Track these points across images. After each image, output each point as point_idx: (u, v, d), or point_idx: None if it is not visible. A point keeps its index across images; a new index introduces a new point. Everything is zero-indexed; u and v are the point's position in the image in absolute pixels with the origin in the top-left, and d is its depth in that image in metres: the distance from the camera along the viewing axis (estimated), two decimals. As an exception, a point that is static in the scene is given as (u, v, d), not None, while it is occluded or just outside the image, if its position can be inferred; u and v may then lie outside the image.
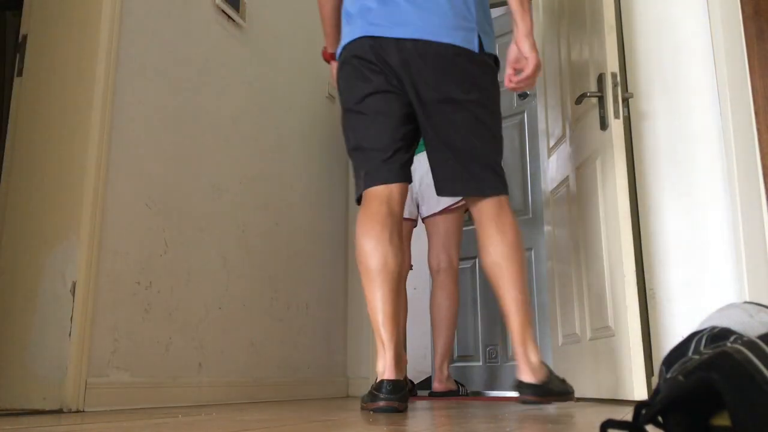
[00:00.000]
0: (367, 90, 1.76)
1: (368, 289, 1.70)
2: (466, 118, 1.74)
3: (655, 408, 0.48)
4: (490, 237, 1.75)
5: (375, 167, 1.75)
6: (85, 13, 1.85)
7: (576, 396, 2.49)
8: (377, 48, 1.74)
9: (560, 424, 1.22)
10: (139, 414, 1.49)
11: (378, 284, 1.69)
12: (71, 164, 1.75)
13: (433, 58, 1.71)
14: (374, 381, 1.69)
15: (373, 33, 1.74)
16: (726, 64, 2.39)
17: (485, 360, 4.04)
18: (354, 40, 1.78)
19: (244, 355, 2.32)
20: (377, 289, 1.69)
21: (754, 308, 0.59)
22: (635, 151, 2.56)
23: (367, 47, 1.75)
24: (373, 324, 1.72)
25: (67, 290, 1.66)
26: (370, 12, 1.75)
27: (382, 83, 1.75)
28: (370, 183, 1.75)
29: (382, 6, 1.75)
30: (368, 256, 1.69)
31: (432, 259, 2.87)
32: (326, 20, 2.04)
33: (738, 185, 2.31)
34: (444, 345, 2.75)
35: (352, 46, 1.78)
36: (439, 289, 2.78)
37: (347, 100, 1.81)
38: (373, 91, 1.75)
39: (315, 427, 1.09)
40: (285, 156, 2.73)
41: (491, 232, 1.75)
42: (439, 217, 2.74)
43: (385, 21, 1.73)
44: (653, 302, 2.44)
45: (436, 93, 1.72)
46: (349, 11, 1.83)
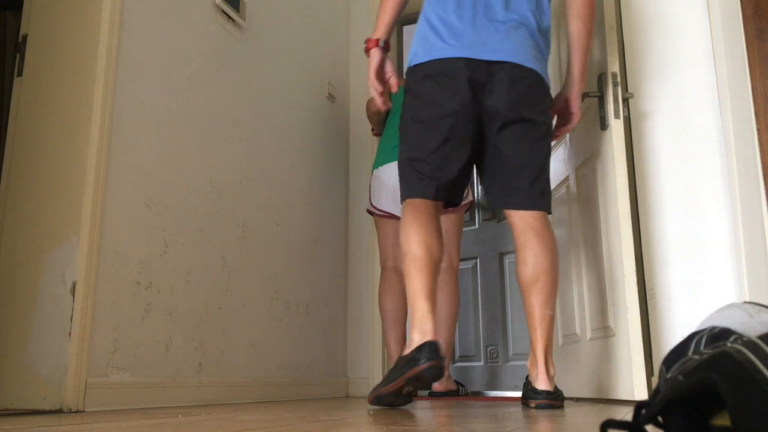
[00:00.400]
0: (450, 108, 1.85)
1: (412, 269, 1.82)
2: (534, 139, 1.87)
3: (655, 408, 0.48)
4: (534, 251, 1.84)
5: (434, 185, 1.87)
6: (85, 13, 1.85)
7: (576, 396, 2.50)
8: (469, 69, 1.84)
9: (560, 424, 1.22)
10: (139, 414, 1.49)
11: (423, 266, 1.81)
12: (71, 164, 1.75)
13: (519, 81, 1.85)
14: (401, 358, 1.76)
15: (466, 55, 1.85)
16: (726, 64, 2.39)
17: (486, 360, 4.04)
18: (445, 58, 1.86)
19: (244, 355, 2.32)
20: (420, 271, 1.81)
21: (754, 308, 0.59)
22: (635, 151, 2.56)
23: (459, 68, 1.85)
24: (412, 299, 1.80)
25: (67, 290, 1.67)
26: (464, 36, 1.87)
27: (462, 105, 1.85)
28: (421, 194, 1.87)
29: (474, 31, 1.87)
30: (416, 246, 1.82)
31: None
32: (390, 11, 2.04)
33: (738, 185, 2.31)
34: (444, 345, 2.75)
35: (441, 64, 1.87)
36: (440, 289, 2.78)
37: (424, 113, 1.89)
38: (454, 112, 1.85)
39: (315, 427, 1.09)
40: (285, 156, 2.73)
41: (535, 246, 1.85)
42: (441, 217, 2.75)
43: (479, 45, 1.85)
44: (653, 302, 2.44)
45: (515, 113, 1.85)
46: (438, 29, 1.91)
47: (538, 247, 1.85)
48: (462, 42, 1.86)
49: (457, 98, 1.85)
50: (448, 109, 1.85)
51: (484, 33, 1.87)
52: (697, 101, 2.51)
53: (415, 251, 1.82)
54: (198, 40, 2.23)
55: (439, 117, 1.86)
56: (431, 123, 1.87)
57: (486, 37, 1.86)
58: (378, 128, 3.05)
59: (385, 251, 2.84)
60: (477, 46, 1.85)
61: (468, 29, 1.87)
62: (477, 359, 4.10)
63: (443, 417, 1.43)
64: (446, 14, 1.91)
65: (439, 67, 1.87)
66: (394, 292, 2.78)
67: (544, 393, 1.81)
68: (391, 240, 2.81)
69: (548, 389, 1.82)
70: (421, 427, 1.10)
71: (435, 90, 1.87)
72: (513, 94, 1.84)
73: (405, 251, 1.84)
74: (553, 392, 1.82)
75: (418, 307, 1.78)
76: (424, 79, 1.90)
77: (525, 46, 1.88)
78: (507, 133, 1.87)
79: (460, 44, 1.86)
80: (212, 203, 2.22)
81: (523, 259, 1.87)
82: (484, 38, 1.86)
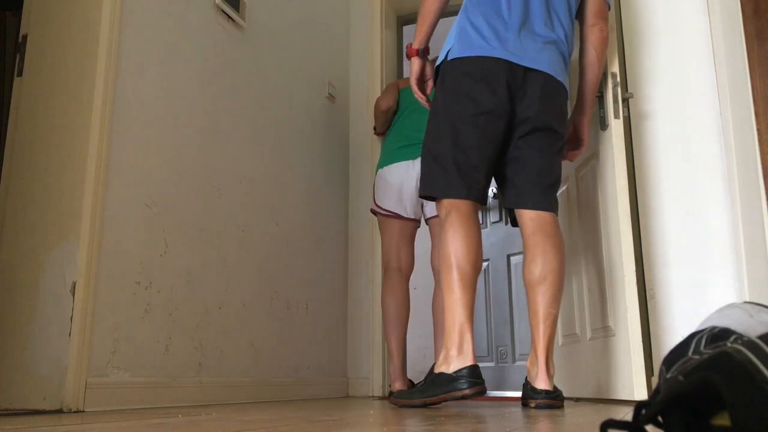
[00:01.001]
0: (487, 107, 1.89)
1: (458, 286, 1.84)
2: (554, 149, 1.96)
3: (655, 408, 0.48)
4: (544, 251, 1.89)
5: (469, 183, 1.90)
6: (85, 13, 1.85)
7: (576, 396, 2.50)
8: (509, 72, 1.90)
9: (560, 424, 1.22)
10: (138, 414, 1.49)
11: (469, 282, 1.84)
12: (71, 164, 1.75)
13: (551, 92, 1.94)
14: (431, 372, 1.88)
15: (509, 58, 1.91)
16: (726, 64, 2.39)
17: (497, 360, 4.09)
18: (489, 57, 1.91)
19: (244, 355, 2.32)
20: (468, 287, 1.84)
21: (754, 308, 0.59)
22: (635, 151, 2.56)
23: (500, 69, 1.90)
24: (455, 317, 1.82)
25: (67, 290, 1.67)
26: (507, 41, 1.93)
27: (498, 105, 1.90)
28: (460, 194, 1.89)
29: (516, 38, 1.94)
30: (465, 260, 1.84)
31: (435, 259, 2.88)
32: (429, 21, 2.12)
33: (738, 185, 2.31)
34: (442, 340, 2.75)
35: (484, 62, 1.91)
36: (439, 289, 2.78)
37: (459, 109, 1.92)
38: (490, 111, 1.89)
39: (315, 427, 1.09)
40: (285, 156, 2.73)
41: (546, 246, 1.89)
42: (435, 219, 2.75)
43: (520, 52, 1.93)
44: (653, 302, 2.44)
45: (543, 121, 1.93)
46: (482, 29, 1.96)
47: (549, 247, 1.89)
48: (505, 46, 1.92)
49: (495, 98, 1.89)
50: (485, 107, 1.89)
51: (525, 42, 1.94)
52: (697, 101, 2.51)
53: (463, 266, 1.84)
54: (198, 40, 2.23)
55: (476, 114, 1.89)
56: (468, 120, 1.90)
57: (526, 46, 1.94)
58: (382, 127, 3.05)
59: (389, 252, 2.83)
60: (518, 52, 1.92)
61: (511, 36, 1.94)
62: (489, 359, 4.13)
63: (443, 417, 1.43)
64: (492, 18, 1.96)
65: (481, 64, 1.91)
66: (397, 293, 2.78)
67: (543, 392, 1.82)
68: (396, 240, 2.81)
69: (548, 389, 1.83)
70: (420, 427, 1.10)
71: (474, 87, 1.90)
72: (544, 103, 1.92)
73: (450, 263, 1.85)
74: (553, 392, 1.83)
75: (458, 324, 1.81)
76: (462, 76, 1.93)
77: (558, 61, 1.98)
78: (532, 139, 1.93)
79: (502, 47, 1.92)
80: (212, 203, 2.22)
81: (532, 258, 1.90)
82: (524, 46, 1.94)
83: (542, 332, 1.86)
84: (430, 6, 2.10)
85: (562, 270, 1.90)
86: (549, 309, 1.86)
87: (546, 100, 1.92)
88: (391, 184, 2.80)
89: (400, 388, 2.74)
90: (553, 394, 1.83)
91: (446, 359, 1.79)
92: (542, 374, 1.85)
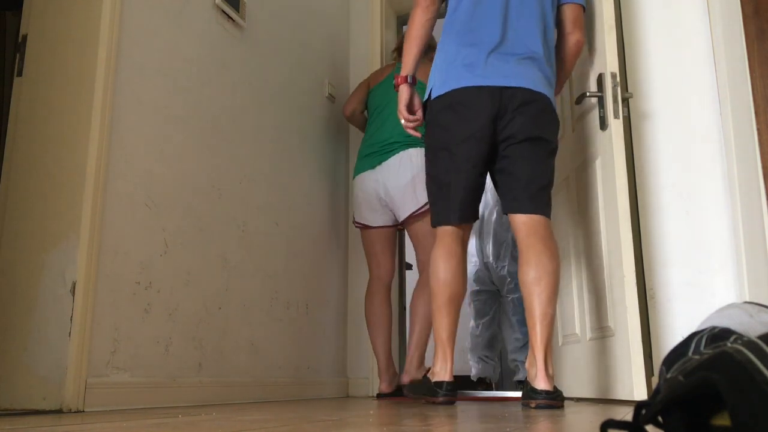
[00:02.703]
0: (467, 133, 2.02)
1: (439, 310, 2.05)
2: (543, 154, 2.04)
3: (655, 408, 0.48)
4: (538, 253, 1.97)
5: (457, 206, 2.05)
6: (85, 13, 1.85)
7: (576, 396, 2.50)
8: (485, 96, 2.01)
9: (560, 424, 1.22)
10: (139, 414, 1.49)
11: (448, 309, 2.04)
12: (71, 164, 1.75)
13: (531, 104, 2.02)
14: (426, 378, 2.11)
15: (483, 83, 2.02)
16: (726, 64, 2.39)
17: None
18: (463, 88, 2.04)
19: (244, 355, 2.32)
20: (447, 313, 2.04)
21: (754, 308, 0.59)
22: (635, 151, 2.56)
23: (475, 95, 2.02)
24: (436, 336, 2.06)
25: (67, 290, 1.66)
26: (478, 67, 2.03)
27: (481, 129, 2.01)
28: (451, 220, 2.06)
29: (490, 62, 2.04)
30: (445, 285, 2.04)
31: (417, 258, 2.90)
32: (417, 48, 2.21)
33: (738, 185, 2.31)
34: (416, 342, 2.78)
35: (459, 93, 2.04)
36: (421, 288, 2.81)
37: (444, 139, 2.07)
38: (470, 136, 2.02)
39: (315, 427, 1.09)
40: (285, 156, 2.73)
41: (540, 248, 1.97)
42: (412, 219, 2.78)
43: (492, 73, 2.02)
44: (653, 302, 2.44)
45: (527, 133, 2.01)
46: (456, 61, 2.07)
47: (542, 249, 1.96)
48: (477, 72, 2.03)
49: (473, 124, 2.01)
50: (464, 135, 2.02)
51: (497, 63, 2.03)
52: (697, 101, 2.50)
53: (443, 292, 2.03)
54: (198, 40, 2.23)
55: (459, 141, 2.03)
56: (452, 147, 2.04)
57: (499, 67, 2.03)
58: (361, 129, 3.12)
59: (369, 261, 2.93)
60: (491, 75, 2.02)
61: (483, 60, 2.04)
62: None
63: (443, 417, 1.43)
64: (465, 43, 2.07)
65: (457, 96, 2.04)
66: (374, 300, 2.86)
67: (543, 393, 1.86)
68: (371, 249, 2.90)
69: (548, 389, 1.87)
70: (420, 427, 1.10)
71: (452, 118, 2.04)
72: (525, 116, 2.01)
73: (432, 286, 2.06)
74: (552, 392, 1.87)
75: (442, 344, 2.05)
76: (443, 110, 2.07)
77: (534, 74, 2.05)
78: (519, 148, 2.03)
79: (474, 74, 2.03)
80: (212, 203, 2.22)
81: (527, 260, 1.98)
82: (497, 68, 2.03)
83: (539, 333, 1.91)
84: (416, 32, 2.19)
85: (557, 271, 1.96)
86: (546, 309, 1.92)
87: (526, 113, 2.01)
88: (358, 195, 2.90)
89: (386, 389, 2.81)
90: (553, 395, 1.86)
91: (433, 369, 2.07)
92: (541, 374, 1.89)
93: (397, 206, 2.78)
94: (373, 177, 2.82)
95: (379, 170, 2.80)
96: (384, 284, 2.88)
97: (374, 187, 2.82)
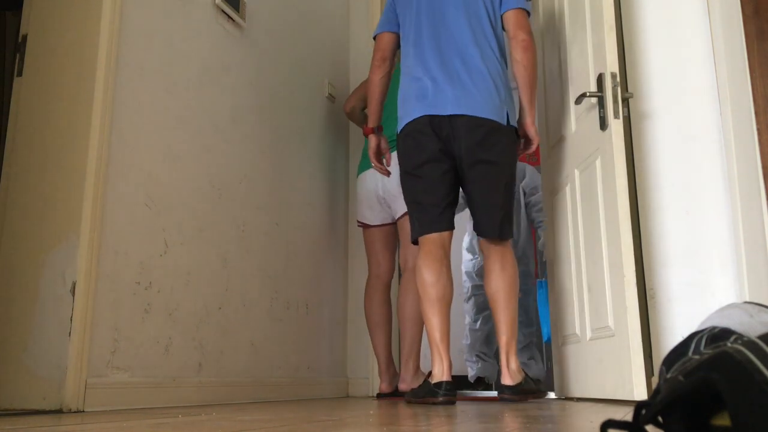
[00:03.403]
0: (424, 158, 2.27)
1: (428, 311, 2.21)
2: (492, 176, 2.26)
3: (655, 408, 0.48)
4: (495, 270, 2.27)
5: (431, 219, 2.27)
6: (85, 13, 1.85)
7: (576, 396, 2.50)
8: (434, 124, 2.25)
9: (560, 424, 1.22)
10: (139, 414, 1.49)
11: (438, 309, 2.20)
12: (71, 164, 1.75)
13: (476, 129, 2.23)
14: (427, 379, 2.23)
15: (430, 112, 2.26)
16: (726, 64, 2.39)
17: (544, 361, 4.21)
18: (415, 119, 2.28)
19: (244, 355, 2.32)
20: (437, 313, 2.20)
21: (754, 308, 0.59)
22: (635, 151, 2.56)
23: (426, 124, 2.26)
24: (430, 338, 2.21)
25: (67, 290, 1.66)
26: (426, 97, 2.28)
27: (435, 153, 2.26)
28: (428, 230, 2.27)
29: (436, 92, 2.27)
30: (431, 286, 2.21)
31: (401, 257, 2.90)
32: (376, 102, 2.53)
33: (738, 185, 2.31)
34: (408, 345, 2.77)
35: (414, 124, 2.29)
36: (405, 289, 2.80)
37: (408, 165, 2.32)
38: (428, 160, 2.26)
39: (315, 427, 1.09)
40: (285, 156, 2.73)
41: (497, 266, 2.27)
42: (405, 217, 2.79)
43: (440, 103, 2.26)
44: (653, 302, 2.44)
45: (474, 156, 2.23)
46: (407, 97, 2.34)
47: (499, 267, 2.27)
48: (426, 103, 2.27)
49: (427, 149, 2.26)
50: (422, 159, 2.27)
51: (446, 92, 2.26)
52: (697, 101, 2.50)
53: (429, 292, 2.21)
54: (198, 40, 2.23)
55: (418, 166, 2.28)
56: (415, 171, 2.29)
57: (447, 96, 2.26)
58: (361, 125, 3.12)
59: (369, 260, 2.95)
60: (439, 104, 2.26)
61: (432, 91, 2.28)
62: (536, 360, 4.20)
63: (443, 417, 1.43)
64: (416, 77, 2.32)
65: (413, 126, 2.29)
66: (374, 299, 2.87)
67: (509, 388, 2.19)
68: (371, 248, 2.93)
69: (511, 384, 2.19)
70: (420, 427, 1.10)
71: (410, 145, 2.30)
72: (471, 140, 2.22)
73: (421, 292, 2.24)
74: (515, 386, 2.19)
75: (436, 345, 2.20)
76: (404, 138, 2.33)
77: (483, 98, 2.25)
78: (472, 174, 2.26)
79: (425, 105, 2.27)
80: (212, 203, 2.22)
81: (488, 275, 2.30)
82: (445, 96, 2.26)
83: (502, 335, 2.24)
84: (374, 89, 2.51)
85: (512, 284, 2.26)
86: (505, 316, 2.24)
87: (472, 138, 2.22)
88: (360, 193, 2.95)
89: (386, 389, 2.82)
90: (516, 389, 2.18)
91: (433, 374, 2.21)
92: (504, 371, 2.22)
93: (394, 204, 2.80)
94: (374, 176, 2.85)
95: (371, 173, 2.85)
96: (383, 283, 2.88)
97: (373, 185, 2.85)
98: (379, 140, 2.58)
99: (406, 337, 2.77)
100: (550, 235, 2.86)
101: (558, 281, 2.73)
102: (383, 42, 2.51)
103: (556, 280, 2.74)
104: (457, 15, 2.33)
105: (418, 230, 2.30)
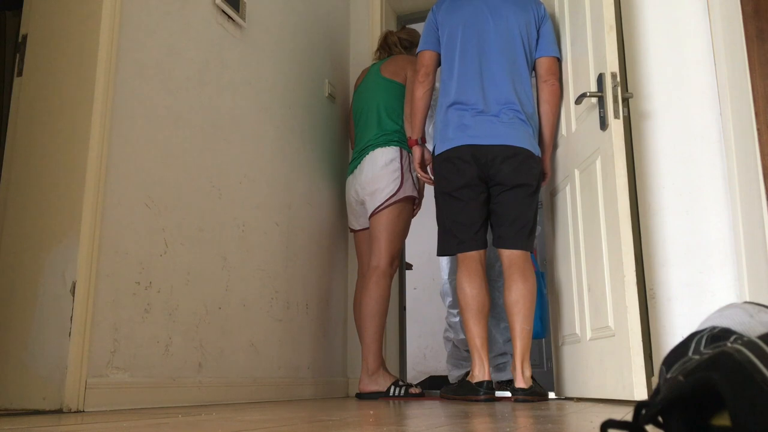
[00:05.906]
0: (463, 182, 2.49)
1: (470, 321, 2.45)
2: (524, 197, 2.48)
3: (655, 408, 0.48)
4: (517, 282, 2.44)
5: (469, 238, 2.50)
6: (85, 13, 1.85)
7: (576, 396, 2.50)
8: (474, 152, 2.47)
9: (560, 423, 1.22)
10: (139, 414, 1.49)
11: (478, 319, 2.45)
12: (71, 164, 1.75)
13: (513, 157, 2.45)
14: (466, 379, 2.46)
15: (471, 142, 2.48)
16: (726, 64, 2.39)
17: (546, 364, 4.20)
18: (456, 147, 2.50)
19: (244, 355, 2.31)
20: (477, 323, 2.45)
21: (754, 308, 0.59)
22: (635, 151, 2.56)
23: (466, 152, 2.48)
24: (471, 344, 2.46)
25: (67, 290, 1.66)
26: (468, 128, 2.50)
27: (473, 178, 2.48)
28: (467, 248, 2.50)
29: (476, 124, 2.50)
30: (472, 299, 2.45)
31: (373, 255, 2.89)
32: (420, 116, 2.70)
33: (738, 185, 2.31)
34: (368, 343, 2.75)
35: (454, 151, 2.50)
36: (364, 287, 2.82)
37: (446, 187, 2.53)
38: (467, 184, 2.49)
39: (315, 427, 1.09)
40: (285, 156, 2.73)
41: (518, 278, 2.44)
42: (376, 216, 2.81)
43: (480, 134, 2.48)
44: (653, 302, 2.44)
45: (511, 181, 2.46)
46: (448, 124, 2.55)
47: (520, 278, 2.43)
48: (467, 133, 2.49)
49: (465, 175, 2.48)
50: (459, 183, 2.49)
51: (483, 124, 2.49)
52: (697, 101, 2.50)
53: (471, 304, 2.45)
54: (198, 40, 2.23)
55: (458, 188, 2.50)
56: (454, 193, 2.51)
57: (485, 128, 2.48)
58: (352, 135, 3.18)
59: (358, 262, 3.02)
60: (479, 134, 2.48)
61: (472, 122, 2.50)
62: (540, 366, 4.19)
63: (443, 417, 1.43)
64: (457, 108, 2.54)
65: (453, 153, 2.50)
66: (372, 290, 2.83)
67: (523, 391, 2.37)
68: (363, 251, 2.98)
69: (524, 387, 2.38)
70: (420, 427, 1.10)
71: (449, 170, 2.51)
72: (507, 167, 2.45)
73: (462, 304, 2.47)
74: (528, 389, 2.38)
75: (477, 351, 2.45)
76: (443, 162, 2.54)
77: (516, 130, 2.48)
78: (506, 195, 2.48)
79: (464, 135, 2.49)
80: (212, 203, 2.22)
81: (509, 286, 2.45)
82: (483, 128, 2.48)
83: (519, 344, 2.40)
84: (417, 104, 2.67)
85: (532, 296, 2.43)
86: (523, 326, 2.40)
87: (508, 165, 2.44)
88: (346, 200, 3.03)
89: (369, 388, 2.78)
90: (528, 392, 2.37)
91: (472, 373, 2.45)
92: (519, 376, 2.39)
93: (369, 201, 2.86)
94: (353, 181, 2.94)
95: (356, 174, 2.91)
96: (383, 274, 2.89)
97: (353, 190, 2.93)
98: (423, 151, 2.74)
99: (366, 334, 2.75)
100: (549, 235, 2.86)
101: (558, 281, 2.73)
102: (426, 59, 2.68)
103: (556, 280, 2.74)
104: (498, 54, 2.55)
105: (456, 248, 2.51)
